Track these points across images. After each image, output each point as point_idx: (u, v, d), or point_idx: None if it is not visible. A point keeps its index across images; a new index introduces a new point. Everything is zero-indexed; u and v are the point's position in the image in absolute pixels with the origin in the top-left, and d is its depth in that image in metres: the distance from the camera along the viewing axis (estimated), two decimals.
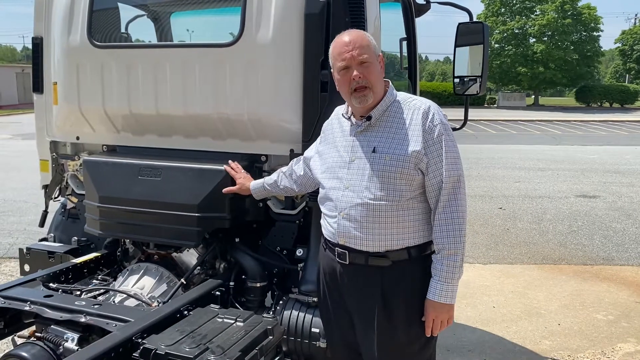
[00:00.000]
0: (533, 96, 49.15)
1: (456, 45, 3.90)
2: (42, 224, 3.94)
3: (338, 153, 2.37)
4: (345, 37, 2.23)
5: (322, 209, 2.43)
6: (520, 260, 6.51)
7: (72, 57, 3.35)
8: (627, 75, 53.59)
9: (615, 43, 52.98)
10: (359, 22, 2.88)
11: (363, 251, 2.26)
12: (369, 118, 2.27)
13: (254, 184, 2.89)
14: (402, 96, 2.32)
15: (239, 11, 3.04)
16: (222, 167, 2.96)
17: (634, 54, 47.80)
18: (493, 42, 42.87)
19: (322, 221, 2.47)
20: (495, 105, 44.16)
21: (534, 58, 44.49)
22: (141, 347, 2.25)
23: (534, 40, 45.73)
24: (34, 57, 3.69)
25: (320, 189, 2.46)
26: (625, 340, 4.41)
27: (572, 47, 44.78)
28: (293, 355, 2.87)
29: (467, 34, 3.81)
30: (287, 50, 2.91)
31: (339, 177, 2.32)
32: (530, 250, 6.90)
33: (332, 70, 2.33)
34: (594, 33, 46.01)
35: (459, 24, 3.94)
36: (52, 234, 3.80)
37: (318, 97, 2.88)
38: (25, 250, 3.60)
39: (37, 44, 3.65)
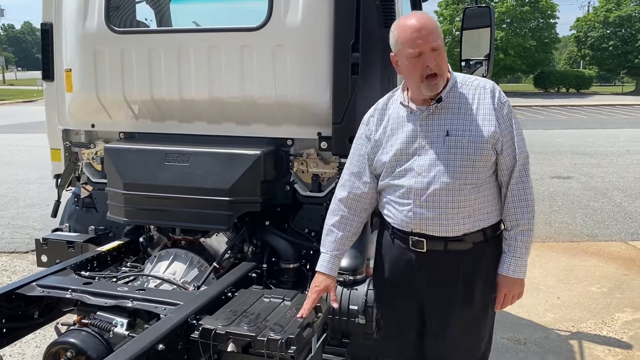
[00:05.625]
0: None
1: (463, 29, 4.00)
2: (54, 214, 3.89)
3: (402, 139, 2.25)
4: (415, 21, 2.10)
5: (389, 197, 2.33)
6: None
7: (89, 44, 3.29)
8: (582, 61, 55.16)
9: (570, 30, 54.46)
10: (388, 4, 2.94)
11: (442, 237, 2.22)
12: (438, 100, 2.18)
13: (329, 267, 2.45)
14: (461, 76, 2.27)
15: None
16: (252, 152, 2.97)
17: (589, 41, 49.16)
18: (454, 30, 43.44)
19: (386, 210, 2.38)
20: None
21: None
22: (200, 328, 2.28)
23: None
24: (44, 43, 3.61)
25: (383, 177, 2.34)
26: (622, 310, 4.65)
27: (530, 34, 45.80)
28: (331, 333, 2.93)
29: (474, 17, 3.92)
30: (317, 33, 2.94)
31: (410, 163, 2.23)
32: None
33: (395, 54, 2.22)
34: (551, 20, 47.18)
35: (466, 8, 4.04)
36: (66, 224, 3.73)
37: (349, 80, 2.92)
38: (41, 241, 3.54)
39: (47, 30, 3.57)
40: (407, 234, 2.28)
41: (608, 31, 47.93)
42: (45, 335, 4.07)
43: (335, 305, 2.43)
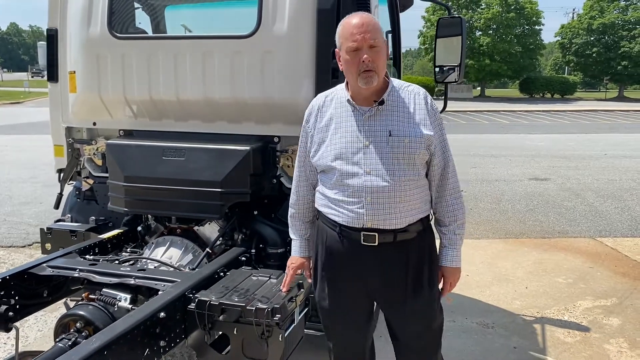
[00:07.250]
0: (479, 88, 50.82)
1: (437, 37, 4.34)
2: (57, 206, 4.16)
3: (346, 138, 2.36)
4: (357, 19, 2.24)
5: (334, 195, 2.41)
6: (485, 236, 7.10)
7: (92, 48, 3.59)
8: (567, 67, 56.00)
9: (555, 36, 55.22)
10: None
11: (391, 229, 2.35)
12: (381, 103, 2.32)
13: (302, 250, 2.71)
14: (396, 81, 2.41)
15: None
16: (242, 148, 3.28)
17: (573, 47, 49.90)
18: None
19: (330, 209, 2.44)
20: (443, 97, 45.42)
21: (480, 51, 45.99)
22: (196, 300, 2.60)
23: (480, 33, 47.28)
24: (49, 47, 3.89)
25: (325, 176, 2.45)
26: (583, 299, 5.01)
27: (515, 40, 46.55)
28: (312, 311, 3.24)
29: (447, 26, 4.26)
30: (301, 41, 3.25)
31: (356, 162, 2.33)
32: (493, 227, 7.50)
33: (339, 50, 2.33)
34: (536, 27, 47.97)
35: (440, 18, 4.38)
36: (68, 215, 4.02)
37: (329, 84, 3.23)
38: (46, 230, 3.82)
39: (52, 35, 3.86)
40: (358, 230, 2.37)
41: (592, 38, 48.69)
42: (46, 321, 4.35)
43: (310, 280, 2.73)
